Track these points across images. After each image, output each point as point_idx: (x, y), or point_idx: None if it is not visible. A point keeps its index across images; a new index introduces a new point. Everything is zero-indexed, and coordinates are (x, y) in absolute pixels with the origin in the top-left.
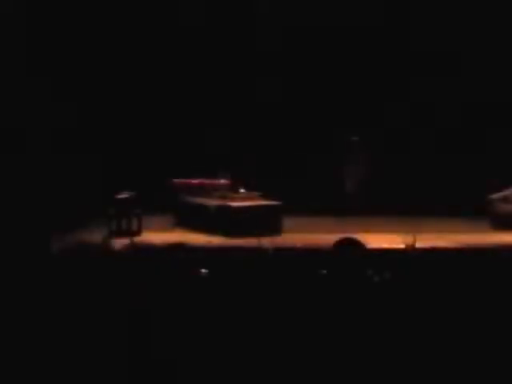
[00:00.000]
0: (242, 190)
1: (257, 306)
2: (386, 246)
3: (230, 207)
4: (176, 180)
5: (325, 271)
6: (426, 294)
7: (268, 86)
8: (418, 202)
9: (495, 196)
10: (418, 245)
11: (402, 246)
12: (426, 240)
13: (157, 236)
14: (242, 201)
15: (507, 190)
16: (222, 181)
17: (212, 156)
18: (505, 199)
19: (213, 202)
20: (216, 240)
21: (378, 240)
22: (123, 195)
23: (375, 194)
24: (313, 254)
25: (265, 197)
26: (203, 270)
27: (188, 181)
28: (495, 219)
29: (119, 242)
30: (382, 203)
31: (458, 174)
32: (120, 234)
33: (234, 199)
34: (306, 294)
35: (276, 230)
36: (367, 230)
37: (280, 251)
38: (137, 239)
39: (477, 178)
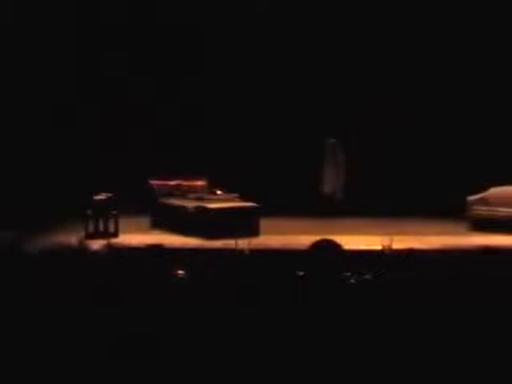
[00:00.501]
0: (220, 192)
1: (234, 306)
2: (363, 247)
3: (207, 209)
4: (153, 181)
5: (302, 272)
6: (402, 294)
7: (247, 87)
8: (396, 204)
9: (473, 198)
10: (395, 246)
11: (379, 247)
12: (404, 242)
13: (134, 237)
14: (220, 202)
15: (485, 192)
16: (199, 182)
17: (189, 157)
18: (482, 201)
19: (190, 204)
20: (193, 242)
21: (355, 241)
22: (100, 197)
23: (353, 195)
24: (290, 255)
25: (242, 198)
26: (180, 272)
27: (165, 182)
28: (473, 221)
29: (96, 244)
30: (360, 205)
31: (437, 176)
32: (97, 235)
33: (211, 201)
34: (283, 295)
35: (253, 231)
36: (344, 232)
37: (257, 253)
38: (114, 241)
39: (456, 180)
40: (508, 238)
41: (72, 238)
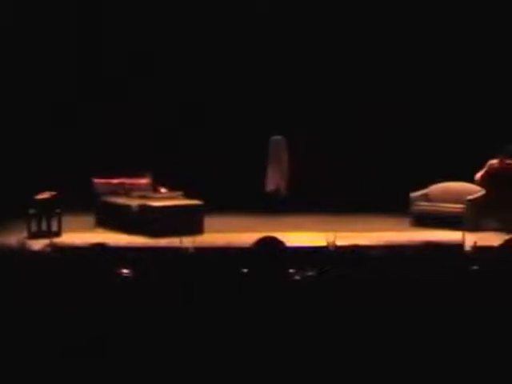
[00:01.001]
0: (163, 190)
1: (178, 304)
2: (307, 244)
3: (151, 207)
4: (96, 179)
5: (245, 270)
6: (346, 291)
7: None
8: (341, 201)
9: (415, 194)
10: (339, 243)
11: (324, 244)
12: (348, 238)
13: (77, 236)
14: (163, 200)
15: (427, 188)
16: (143, 180)
17: (133, 155)
18: (425, 197)
19: (134, 202)
20: (138, 240)
21: (300, 238)
22: (43, 195)
23: (298, 193)
24: (234, 253)
25: (186, 196)
26: (125, 271)
27: (108, 180)
28: (416, 217)
29: (39, 243)
30: (304, 202)
31: (381, 173)
32: (40, 234)
33: (155, 199)
34: (227, 293)
35: (198, 229)
36: (288, 229)
37: (201, 250)
38: (57, 240)
39: (399, 177)
40: (450, 233)
41: (12, 238)
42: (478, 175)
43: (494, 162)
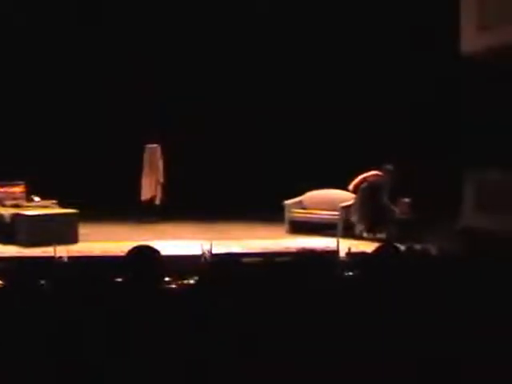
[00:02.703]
0: (37, 199)
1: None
2: (182, 252)
3: (24, 216)
4: None
5: (120, 279)
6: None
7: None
8: (216, 209)
9: (290, 202)
10: (215, 251)
11: (200, 252)
12: (222, 246)
13: None
14: (37, 209)
15: (302, 195)
16: (17, 188)
17: (6, 162)
18: (299, 204)
19: (7, 211)
20: (11, 250)
21: (174, 247)
22: None
23: (174, 200)
24: (108, 261)
25: (61, 205)
26: None
27: None
28: (291, 224)
29: None
30: (180, 210)
31: (257, 180)
32: None
33: (28, 208)
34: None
35: (72, 238)
36: (164, 237)
37: (75, 259)
38: None
39: (275, 185)
40: (324, 239)
41: None
42: (352, 184)
43: (370, 174)
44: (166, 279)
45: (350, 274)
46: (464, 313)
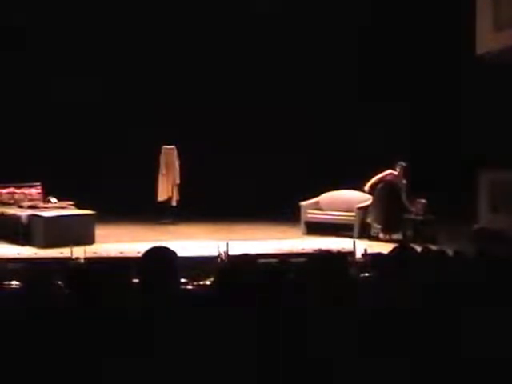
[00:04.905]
0: (54, 200)
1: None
2: (197, 253)
3: (41, 217)
4: None
5: (137, 280)
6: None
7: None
8: (233, 210)
9: (306, 203)
10: (231, 252)
11: (216, 253)
12: (239, 247)
13: None
14: (54, 211)
15: (318, 197)
16: (34, 190)
17: (23, 164)
18: (315, 206)
19: (24, 212)
20: (28, 251)
21: (190, 248)
22: None
23: (190, 202)
24: (125, 262)
25: (77, 206)
26: (14, 283)
27: None
28: (307, 225)
29: None
30: (196, 211)
31: (273, 182)
32: None
33: (45, 209)
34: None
35: (89, 239)
36: (181, 238)
37: (92, 261)
38: None
39: (291, 186)
40: (341, 240)
41: None
42: (368, 184)
43: (385, 173)
44: (183, 280)
45: (366, 274)
46: (479, 313)
